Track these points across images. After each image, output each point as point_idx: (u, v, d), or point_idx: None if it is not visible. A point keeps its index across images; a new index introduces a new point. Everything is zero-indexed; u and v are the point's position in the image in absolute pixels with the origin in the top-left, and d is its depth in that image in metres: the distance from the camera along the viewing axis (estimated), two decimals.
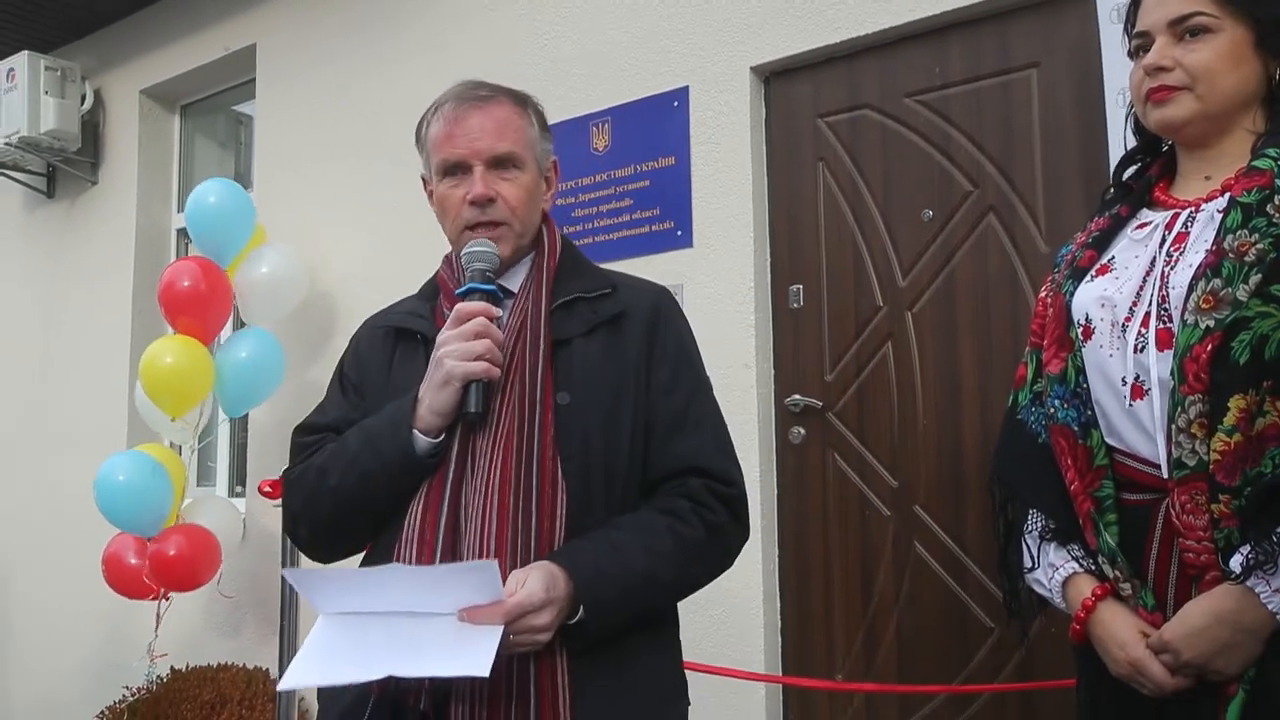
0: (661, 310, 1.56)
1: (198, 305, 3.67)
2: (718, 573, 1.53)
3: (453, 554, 1.37)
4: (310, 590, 1.36)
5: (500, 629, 1.25)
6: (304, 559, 1.74)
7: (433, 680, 1.32)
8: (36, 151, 4.87)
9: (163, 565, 3.59)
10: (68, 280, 5.16)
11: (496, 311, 1.46)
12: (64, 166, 5.05)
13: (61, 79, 4.83)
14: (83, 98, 4.95)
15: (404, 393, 1.45)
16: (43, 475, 5.04)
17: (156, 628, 3.60)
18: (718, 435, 1.54)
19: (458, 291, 1.49)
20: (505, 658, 1.30)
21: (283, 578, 2.97)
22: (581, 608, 1.34)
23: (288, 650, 2.92)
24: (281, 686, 1.30)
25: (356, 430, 1.48)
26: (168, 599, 3.65)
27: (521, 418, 1.41)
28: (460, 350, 1.40)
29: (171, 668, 3.86)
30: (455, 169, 1.52)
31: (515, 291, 1.52)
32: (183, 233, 4.94)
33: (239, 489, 4.52)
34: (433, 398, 1.41)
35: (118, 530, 3.72)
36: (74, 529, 4.61)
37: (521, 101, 1.57)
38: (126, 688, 3.84)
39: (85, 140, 4.98)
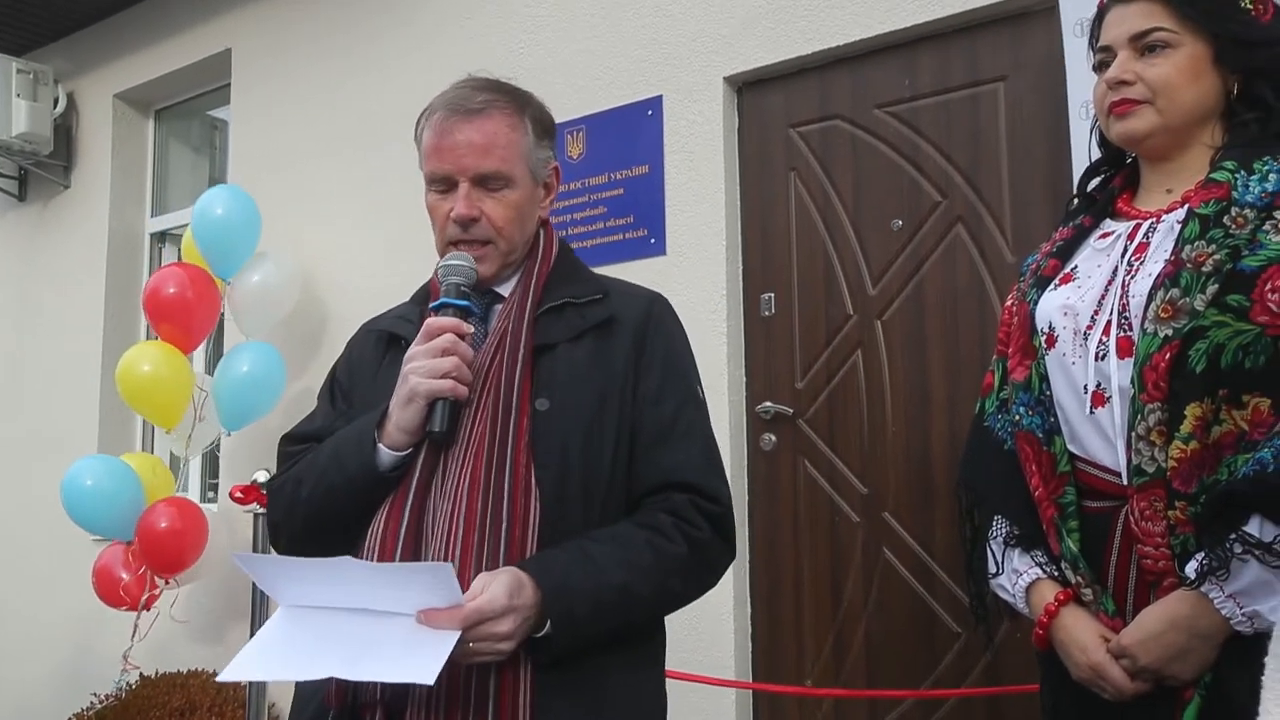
0: (653, 317, 1.51)
1: (183, 313, 3.64)
2: (699, 591, 1.46)
3: (415, 561, 1.33)
4: (264, 578, 1.33)
5: (455, 635, 1.20)
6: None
7: (388, 689, 1.28)
8: (8, 155, 4.84)
9: (152, 541, 3.56)
10: (40, 284, 5.12)
11: (467, 328, 1.41)
12: (36, 170, 5.01)
13: (34, 82, 4.80)
14: (55, 101, 4.92)
15: (386, 399, 1.42)
16: (14, 478, 5.00)
17: (133, 635, 3.56)
18: (705, 449, 1.48)
19: (431, 306, 1.46)
20: (465, 668, 1.26)
21: (253, 584, 2.97)
22: (549, 620, 1.28)
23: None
24: (221, 677, 1.26)
25: (329, 441, 1.46)
26: (149, 608, 3.62)
27: (494, 424, 1.37)
28: (426, 367, 1.37)
29: (140, 674, 3.83)
30: (442, 181, 1.48)
31: (505, 298, 1.50)
32: (157, 237, 4.92)
33: (210, 495, 4.49)
34: (399, 414, 1.38)
35: (91, 536, 3.70)
36: (46, 533, 4.57)
37: (520, 108, 1.51)
38: (95, 694, 3.81)
39: (58, 144, 4.95)
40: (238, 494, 2.91)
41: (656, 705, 1.46)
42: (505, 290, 1.51)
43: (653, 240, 3.23)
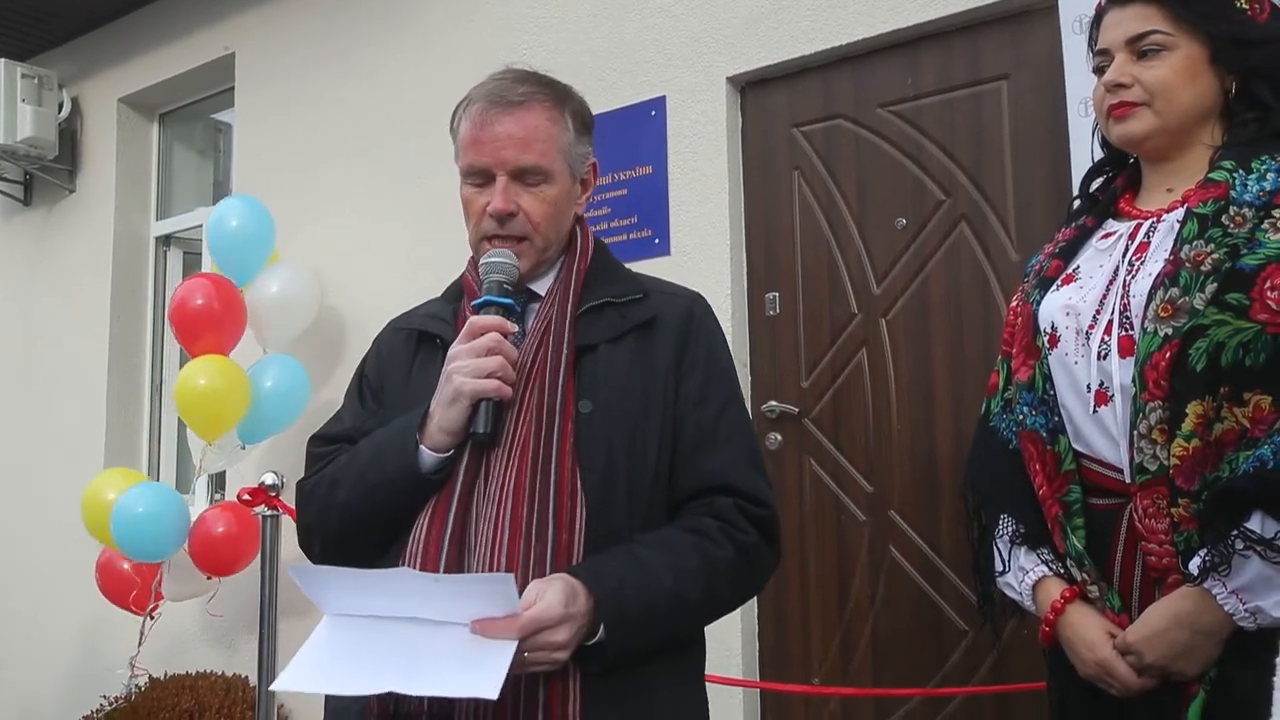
0: (695, 317, 1.48)
1: (212, 324, 3.56)
2: (747, 596, 1.46)
3: (459, 568, 1.30)
4: (315, 588, 1.27)
5: (513, 645, 1.17)
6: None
7: (435, 701, 1.25)
8: (13, 160, 4.85)
9: (207, 546, 3.53)
10: (45, 288, 5.14)
11: (512, 327, 1.38)
12: (41, 174, 5.03)
13: (39, 87, 4.81)
14: (60, 105, 4.93)
15: (422, 399, 1.39)
16: (21, 482, 5.01)
17: (140, 643, 3.57)
18: (749, 451, 1.44)
19: (473, 304, 1.42)
20: (513, 677, 1.20)
21: (262, 580, 2.99)
22: (602, 626, 1.25)
23: (267, 657, 2.92)
24: (275, 686, 1.21)
25: (367, 442, 1.42)
26: (154, 617, 3.63)
27: (539, 426, 1.34)
28: (471, 367, 1.33)
29: (150, 676, 3.85)
30: (479, 174, 1.44)
31: (543, 296, 1.46)
32: (162, 240, 4.94)
33: (218, 496, 4.51)
34: (442, 414, 1.34)
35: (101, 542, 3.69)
36: (54, 538, 4.59)
37: (560, 101, 1.47)
38: (104, 696, 3.83)
39: (63, 148, 4.96)
40: (245, 496, 2.93)
41: (698, 706, 1.44)
42: (541, 288, 1.47)
43: (657, 240, 3.24)
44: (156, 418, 4.82)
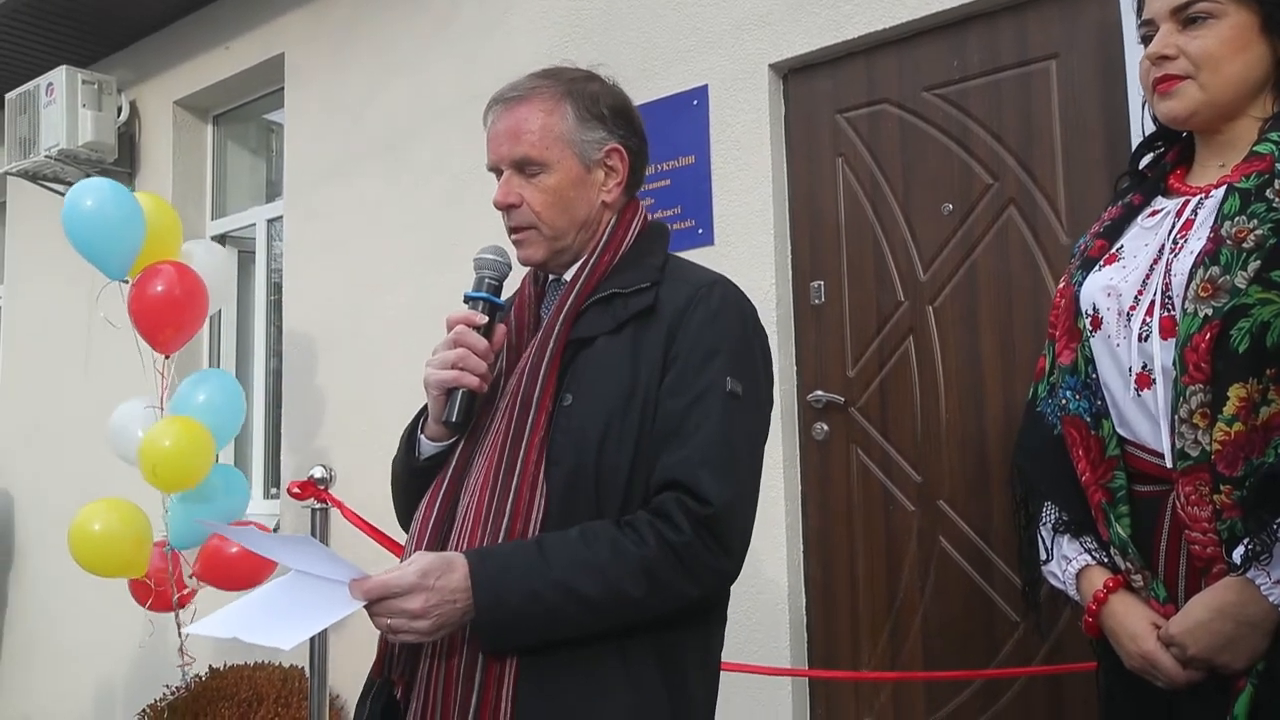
0: (694, 305, 1.41)
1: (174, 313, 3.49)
2: (676, 599, 1.33)
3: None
4: (251, 545, 1.41)
5: (350, 606, 1.25)
6: None
7: (407, 665, 1.37)
8: (75, 163, 4.97)
9: (216, 562, 3.52)
10: (110, 289, 5.26)
11: (480, 319, 1.44)
12: (101, 177, 5.14)
13: (98, 92, 4.93)
14: (119, 110, 5.05)
15: None
16: (85, 473, 5.15)
17: (180, 632, 3.65)
18: (711, 445, 1.34)
19: (463, 298, 1.50)
20: (459, 654, 1.31)
21: None
22: (475, 607, 1.27)
23: (318, 647, 2.97)
24: (189, 629, 1.36)
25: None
26: (183, 606, 3.70)
27: (510, 418, 1.39)
28: (436, 359, 1.42)
29: (210, 666, 3.94)
30: (493, 171, 1.51)
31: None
32: (218, 239, 5.04)
33: (274, 491, 4.59)
34: (429, 405, 1.46)
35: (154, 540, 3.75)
36: None
37: (560, 91, 1.47)
38: (167, 686, 3.92)
39: (122, 151, 5.08)
40: (295, 490, 2.97)
41: (666, 711, 1.35)
42: (570, 279, 1.50)
43: (700, 231, 3.22)
44: None
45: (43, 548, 5.42)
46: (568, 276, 1.50)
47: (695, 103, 3.26)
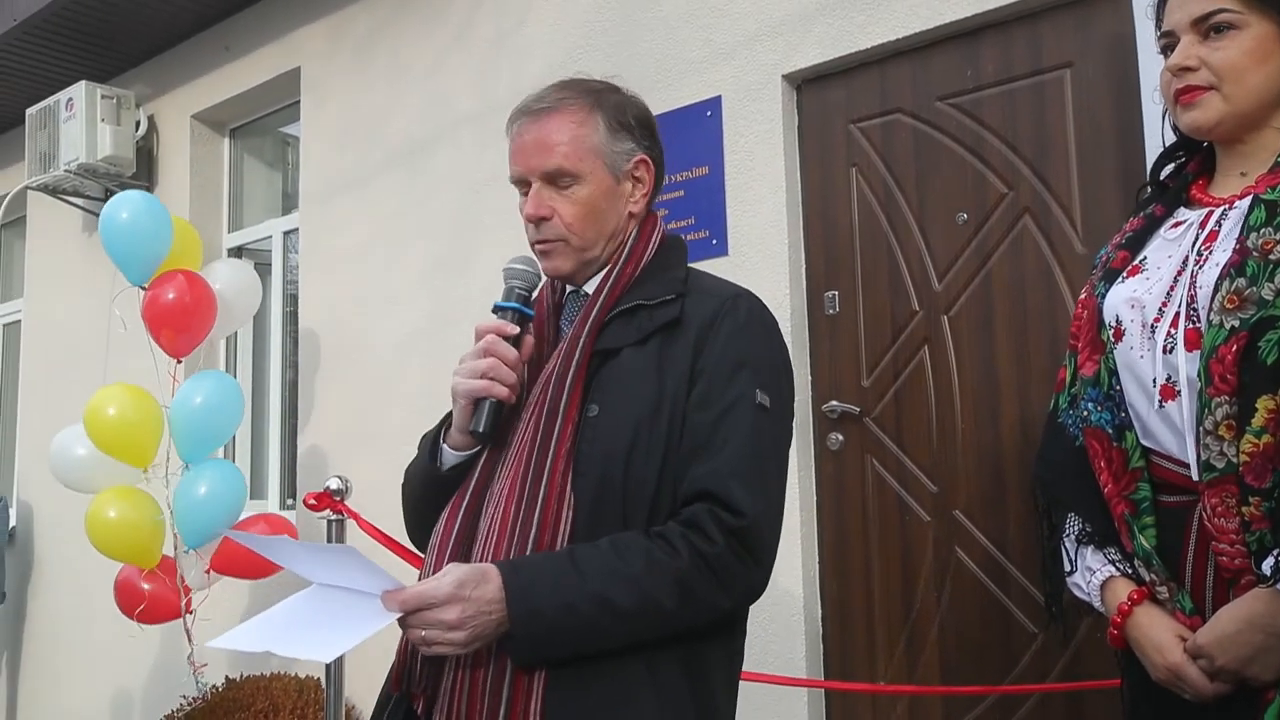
0: (720, 317, 1.41)
1: (182, 318, 3.75)
2: (708, 610, 1.33)
3: (466, 563, 1.33)
4: (272, 554, 1.40)
5: (387, 618, 1.23)
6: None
7: (428, 679, 1.34)
8: (94, 177, 5.01)
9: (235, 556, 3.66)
10: (126, 297, 5.30)
11: (511, 329, 1.42)
12: (120, 191, 5.18)
13: (117, 106, 4.97)
14: (137, 124, 5.09)
15: None
16: (104, 484, 5.17)
17: (190, 640, 3.68)
18: (742, 457, 1.34)
19: (492, 308, 1.48)
20: (486, 667, 1.28)
21: None
22: (510, 619, 1.25)
23: (335, 660, 2.97)
24: (213, 643, 1.31)
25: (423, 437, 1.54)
26: (190, 611, 3.73)
27: (537, 429, 1.37)
28: (466, 368, 1.40)
29: (226, 677, 3.95)
30: (520, 183, 1.48)
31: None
32: (234, 252, 5.07)
33: (290, 502, 4.61)
34: (455, 414, 1.44)
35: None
36: None
37: (590, 103, 1.47)
38: (184, 696, 3.94)
39: (140, 165, 5.12)
40: (311, 501, 2.98)
41: (682, 713, 1.34)
42: (592, 289, 1.49)
43: (714, 241, 3.23)
44: None
45: (62, 558, 5.45)
46: (588, 288, 1.50)
47: (709, 114, 3.27)
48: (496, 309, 1.45)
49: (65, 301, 5.64)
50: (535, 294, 1.51)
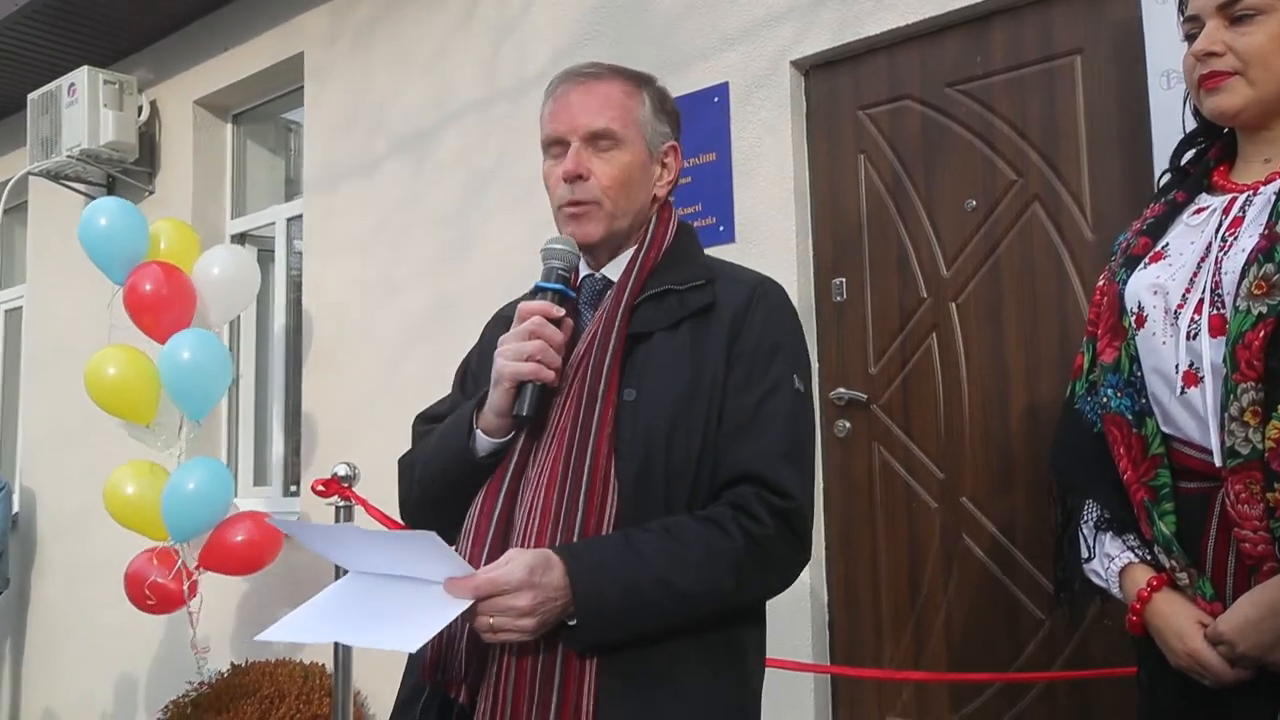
0: (754, 303, 1.44)
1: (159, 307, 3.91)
2: (760, 592, 1.39)
3: (504, 549, 1.30)
4: (319, 546, 1.39)
5: (462, 604, 1.20)
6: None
7: (470, 668, 1.31)
8: (97, 163, 4.99)
9: (221, 552, 3.72)
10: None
11: (557, 311, 1.40)
12: (122, 177, 5.17)
13: (119, 92, 4.94)
14: (139, 109, 5.06)
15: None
16: (104, 472, 5.17)
17: (193, 625, 3.70)
18: (785, 439, 1.37)
19: (532, 288, 1.45)
20: (535, 652, 1.26)
21: (336, 572, 3.04)
22: (575, 605, 1.25)
23: (341, 645, 2.97)
24: (259, 637, 1.28)
25: (443, 424, 1.49)
26: (194, 595, 3.75)
27: (578, 413, 1.36)
28: (511, 350, 1.37)
29: (231, 663, 3.95)
30: (555, 145, 1.47)
31: (615, 283, 1.47)
32: (237, 238, 5.06)
33: (294, 488, 4.61)
34: (491, 397, 1.40)
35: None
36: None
37: (638, 82, 1.50)
38: (189, 682, 3.94)
39: (142, 151, 5.09)
40: (319, 487, 2.98)
41: (736, 705, 1.38)
42: (614, 274, 1.49)
43: (721, 228, 3.22)
44: (234, 410, 4.93)
45: (65, 544, 5.45)
46: (611, 273, 1.49)
47: (716, 100, 3.25)
48: (538, 289, 1.43)
49: (67, 288, 5.62)
50: (573, 274, 1.48)
